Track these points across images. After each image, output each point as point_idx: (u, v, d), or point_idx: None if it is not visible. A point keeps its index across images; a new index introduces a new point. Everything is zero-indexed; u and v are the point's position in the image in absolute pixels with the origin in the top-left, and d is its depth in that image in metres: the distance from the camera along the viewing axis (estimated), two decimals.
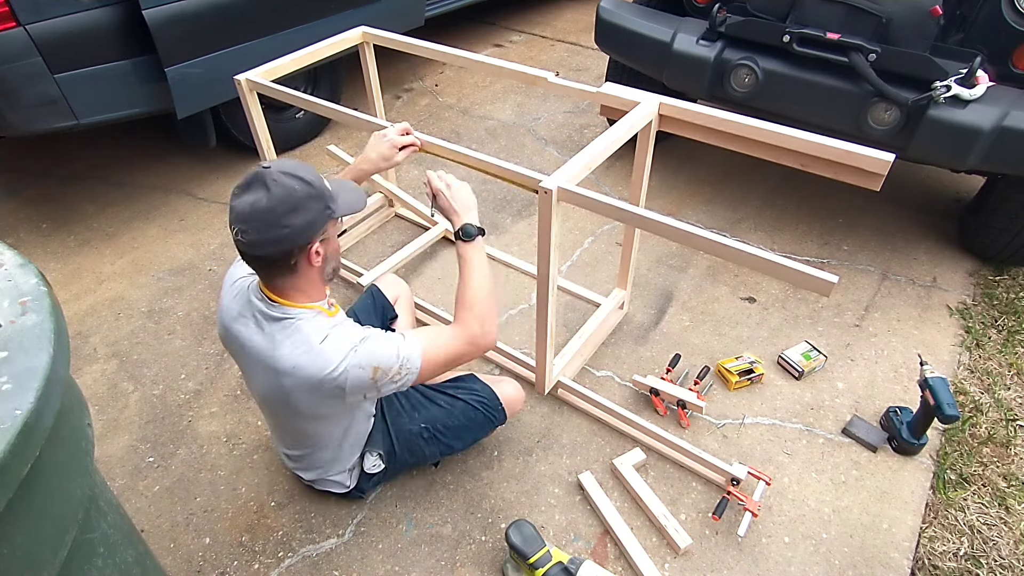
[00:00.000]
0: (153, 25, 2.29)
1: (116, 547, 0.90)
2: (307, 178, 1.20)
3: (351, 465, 1.57)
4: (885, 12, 2.01)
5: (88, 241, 2.71)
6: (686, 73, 2.36)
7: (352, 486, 1.60)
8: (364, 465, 1.56)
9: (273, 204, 1.15)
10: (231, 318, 1.35)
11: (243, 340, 1.32)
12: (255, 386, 1.41)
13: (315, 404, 1.31)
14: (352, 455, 1.55)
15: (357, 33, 2.15)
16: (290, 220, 1.16)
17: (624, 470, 1.71)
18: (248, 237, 1.16)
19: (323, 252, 1.25)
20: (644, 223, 1.32)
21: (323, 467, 1.56)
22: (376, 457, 1.55)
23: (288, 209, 1.16)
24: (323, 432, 1.45)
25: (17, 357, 0.68)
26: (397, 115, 3.60)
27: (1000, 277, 2.42)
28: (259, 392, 1.40)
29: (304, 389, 1.26)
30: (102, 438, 1.88)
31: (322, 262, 1.26)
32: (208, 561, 1.59)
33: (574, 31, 4.75)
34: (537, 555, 1.44)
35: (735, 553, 1.58)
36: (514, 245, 2.60)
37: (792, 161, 1.51)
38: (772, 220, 2.73)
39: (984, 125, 1.90)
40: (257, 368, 1.32)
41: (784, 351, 2.06)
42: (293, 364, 1.23)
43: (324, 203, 1.22)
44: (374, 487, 1.68)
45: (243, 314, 1.32)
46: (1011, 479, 1.76)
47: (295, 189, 1.17)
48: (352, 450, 1.53)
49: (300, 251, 1.21)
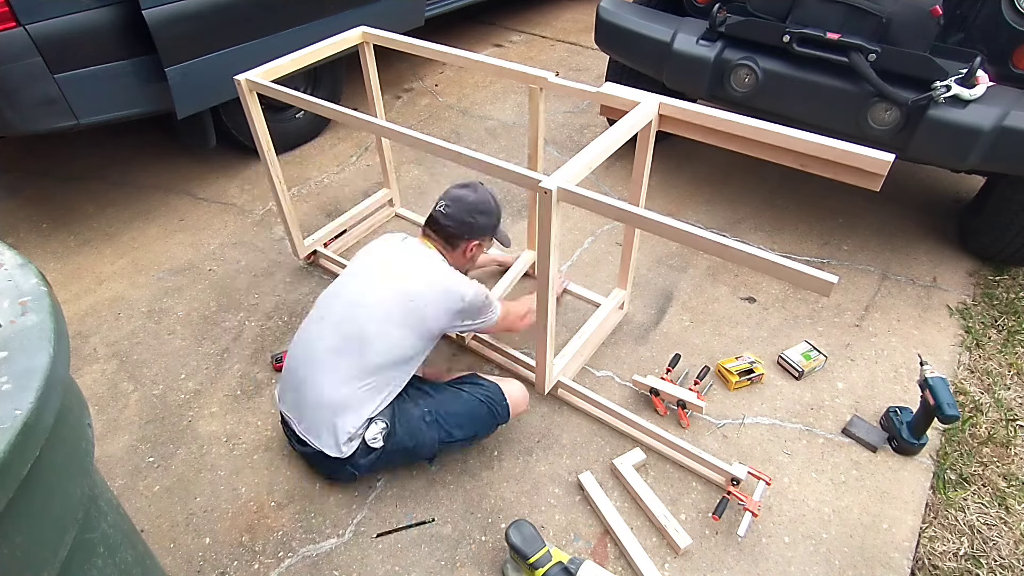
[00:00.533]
0: (153, 25, 2.29)
1: (116, 547, 0.90)
2: (496, 203, 1.78)
3: (361, 424, 1.57)
4: (885, 12, 2.01)
5: (88, 241, 2.71)
6: (686, 73, 2.36)
7: (347, 454, 1.59)
8: (367, 434, 1.58)
9: (475, 202, 1.72)
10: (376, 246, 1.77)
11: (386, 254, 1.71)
12: (370, 291, 1.63)
13: (429, 310, 1.60)
14: (374, 401, 1.58)
15: (357, 33, 2.15)
16: (476, 218, 1.72)
17: (624, 470, 1.71)
18: (448, 211, 1.71)
19: (474, 253, 1.78)
20: (644, 223, 1.32)
21: (343, 409, 1.56)
22: (380, 427, 1.59)
23: (480, 211, 1.73)
24: (395, 346, 1.59)
25: (17, 357, 0.68)
26: (397, 115, 3.60)
27: (1000, 277, 2.42)
28: (373, 296, 1.61)
29: (432, 291, 1.61)
30: (102, 438, 1.88)
31: (470, 258, 1.79)
32: (208, 561, 1.59)
33: (574, 31, 4.75)
34: (537, 555, 1.44)
35: (735, 553, 1.58)
36: (514, 245, 2.60)
37: (792, 161, 1.51)
38: (772, 220, 2.73)
39: (984, 125, 1.90)
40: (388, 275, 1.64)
41: (784, 351, 2.06)
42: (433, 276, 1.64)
43: (495, 223, 1.79)
44: (366, 469, 1.65)
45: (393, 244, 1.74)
46: (1011, 479, 1.76)
47: (490, 203, 1.76)
48: (380, 394, 1.59)
49: (466, 241, 1.74)
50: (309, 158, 3.22)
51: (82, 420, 0.83)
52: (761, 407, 1.93)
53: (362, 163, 3.17)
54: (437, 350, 1.90)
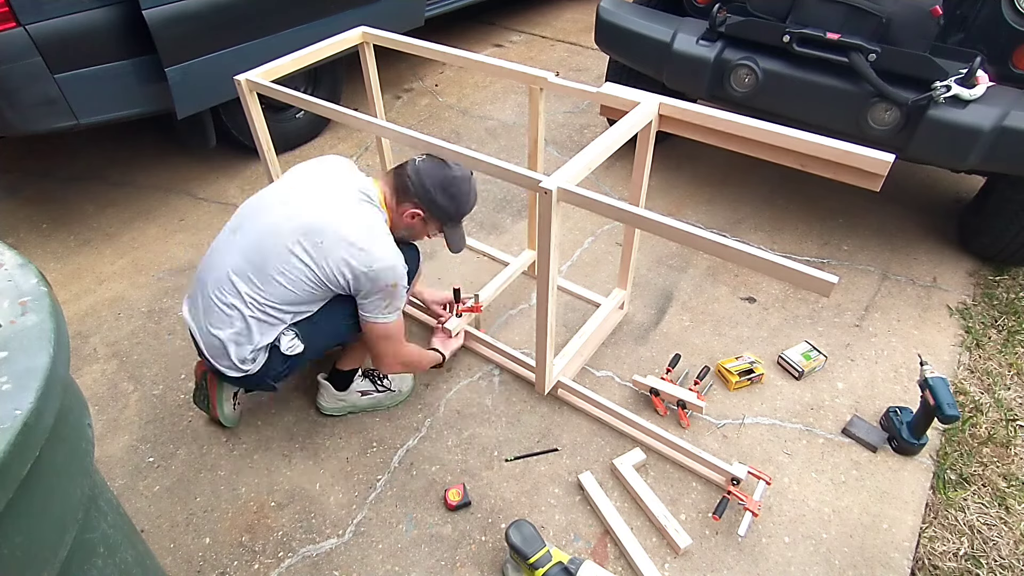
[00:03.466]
0: (153, 25, 2.29)
1: (116, 547, 0.90)
2: (471, 200, 1.70)
3: (255, 348, 1.58)
4: (885, 12, 2.01)
5: (88, 241, 2.71)
6: (686, 73, 2.36)
7: (253, 371, 1.60)
8: (282, 345, 1.59)
9: (447, 179, 1.63)
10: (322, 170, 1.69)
11: (325, 187, 1.62)
12: (287, 222, 1.54)
13: (333, 257, 1.52)
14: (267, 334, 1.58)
15: (357, 33, 2.15)
16: (436, 193, 1.63)
17: (624, 470, 1.71)
18: (420, 166, 1.64)
19: (413, 223, 1.67)
20: (644, 223, 1.32)
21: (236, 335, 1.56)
22: (291, 335, 1.60)
23: (444, 190, 1.63)
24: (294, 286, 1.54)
25: (17, 357, 0.68)
26: (397, 115, 3.60)
27: (1000, 277, 2.42)
28: (288, 227, 1.53)
29: (345, 242, 1.51)
30: (102, 438, 1.88)
31: (407, 225, 1.68)
32: (208, 561, 1.59)
33: (574, 31, 4.75)
34: (537, 555, 1.44)
35: (735, 553, 1.58)
36: (514, 245, 2.60)
37: (792, 161, 1.51)
38: (772, 220, 2.73)
39: (984, 125, 1.90)
40: (314, 209, 1.55)
41: (784, 351, 2.06)
42: (359, 227, 1.54)
43: (453, 215, 1.68)
44: (286, 376, 1.67)
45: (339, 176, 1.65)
46: (1011, 479, 1.76)
47: (462, 192, 1.66)
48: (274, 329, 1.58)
49: (412, 204, 1.65)
50: (309, 158, 3.20)
51: (82, 420, 0.83)
52: (761, 407, 1.93)
53: (362, 163, 3.17)
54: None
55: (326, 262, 1.52)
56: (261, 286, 1.54)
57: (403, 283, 1.60)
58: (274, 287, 1.54)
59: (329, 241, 1.52)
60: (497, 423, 1.90)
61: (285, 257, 1.53)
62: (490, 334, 2.16)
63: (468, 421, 1.91)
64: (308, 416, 1.94)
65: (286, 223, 1.55)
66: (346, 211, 1.57)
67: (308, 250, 1.52)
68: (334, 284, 1.55)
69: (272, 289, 1.55)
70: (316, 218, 1.54)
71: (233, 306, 1.55)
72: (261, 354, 1.60)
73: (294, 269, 1.53)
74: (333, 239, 1.52)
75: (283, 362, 1.62)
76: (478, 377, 2.04)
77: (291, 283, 1.54)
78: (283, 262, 1.53)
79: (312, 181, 1.66)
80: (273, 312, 1.57)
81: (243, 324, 1.56)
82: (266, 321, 1.57)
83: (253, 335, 1.57)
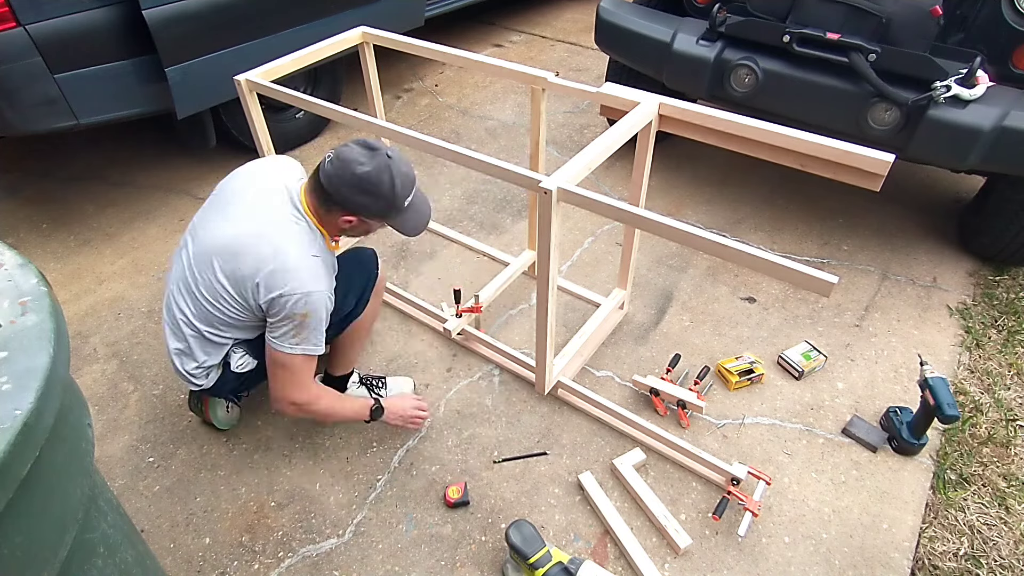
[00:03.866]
0: (153, 25, 2.29)
1: (116, 547, 0.90)
2: (398, 187, 1.43)
3: (203, 365, 1.58)
4: (885, 12, 2.01)
5: (88, 241, 2.71)
6: (686, 73, 2.36)
7: (208, 386, 1.61)
8: (232, 362, 1.58)
9: (361, 176, 1.39)
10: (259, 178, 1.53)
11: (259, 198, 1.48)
12: (220, 235, 1.46)
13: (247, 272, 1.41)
14: (211, 354, 1.57)
15: (357, 33, 2.15)
16: (356, 196, 1.41)
17: (624, 470, 1.71)
18: (330, 169, 1.41)
19: (353, 225, 1.48)
20: (644, 223, 1.32)
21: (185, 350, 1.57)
22: (243, 354, 1.59)
23: (364, 189, 1.40)
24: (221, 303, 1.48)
25: (17, 357, 0.68)
26: (397, 115, 3.60)
27: (1000, 277, 2.42)
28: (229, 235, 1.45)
29: (264, 272, 1.39)
30: (102, 438, 1.88)
31: (347, 228, 1.50)
32: (208, 561, 1.59)
33: (574, 31, 4.75)
34: (537, 555, 1.43)
35: (735, 553, 1.58)
36: (514, 245, 2.60)
37: (792, 161, 1.51)
38: (772, 220, 2.73)
39: (984, 125, 1.90)
40: (251, 222, 1.44)
41: (784, 351, 2.06)
42: (277, 248, 1.40)
43: (386, 207, 1.45)
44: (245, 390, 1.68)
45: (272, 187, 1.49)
46: (1011, 479, 1.76)
47: (382, 181, 1.41)
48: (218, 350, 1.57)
49: (340, 211, 1.45)
50: (309, 158, 3.22)
51: (82, 420, 0.83)
52: (761, 407, 1.93)
53: None
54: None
55: (243, 285, 1.43)
56: (193, 307, 1.52)
57: (317, 317, 1.43)
58: (202, 309, 1.50)
59: (246, 264, 1.42)
60: (497, 423, 1.90)
61: (208, 279, 1.47)
62: (490, 334, 2.16)
63: (468, 421, 1.91)
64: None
65: (220, 236, 1.47)
66: (272, 231, 1.43)
67: (228, 273, 1.44)
68: (256, 309, 1.46)
69: (201, 312, 1.51)
70: (236, 239, 1.44)
71: (178, 322, 1.55)
72: (214, 371, 1.59)
73: (219, 289, 1.46)
74: (251, 261, 1.41)
75: (236, 379, 1.61)
76: (478, 377, 2.04)
77: (218, 300, 1.47)
78: (206, 286, 1.48)
79: (251, 194, 1.51)
80: (209, 334, 1.53)
81: (184, 343, 1.56)
82: (209, 339, 1.55)
83: (195, 353, 1.56)
